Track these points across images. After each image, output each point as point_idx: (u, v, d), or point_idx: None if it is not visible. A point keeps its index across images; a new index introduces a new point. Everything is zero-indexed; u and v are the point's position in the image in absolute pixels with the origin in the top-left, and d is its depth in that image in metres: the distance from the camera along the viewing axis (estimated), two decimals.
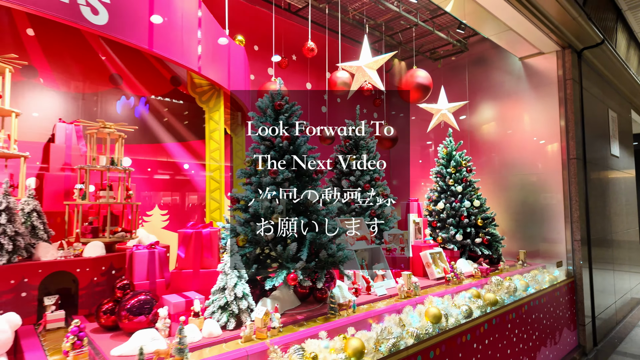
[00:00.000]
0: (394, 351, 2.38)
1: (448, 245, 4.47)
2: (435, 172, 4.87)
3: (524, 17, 4.20)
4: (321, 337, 2.25)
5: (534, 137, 5.29)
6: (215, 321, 2.23)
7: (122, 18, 2.31)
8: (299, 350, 2.09)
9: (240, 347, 2.06)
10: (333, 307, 2.67)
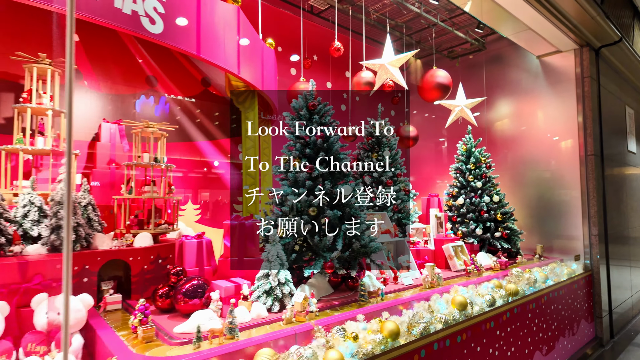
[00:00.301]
0: (424, 334, 2.56)
1: (468, 239, 4.62)
2: (455, 168, 5.02)
3: (543, 16, 4.31)
4: (359, 320, 2.45)
5: (551, 134, 5.39)
6: (262, 304, 2.44)
7: (174, 27, 2.52)
8: (341, 330, 2.28)
9: (284, 328, 2.26)
10: (363, 295, 2.85)
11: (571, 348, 4.33)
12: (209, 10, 2.82)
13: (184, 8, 2.61)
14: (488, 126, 6.03)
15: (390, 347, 2.32)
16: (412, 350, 2.44)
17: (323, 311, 2.63)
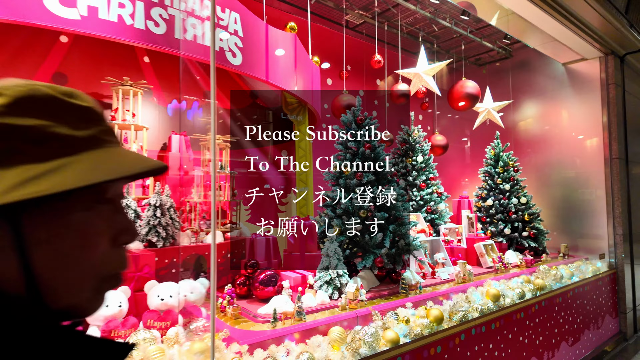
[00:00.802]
0: (463, 321, 2.95)
1: (497, 238, 4.95)
2: (484, 171, 5.35)
3: (568, 29, 4.58)
4: (407, 307, 2.86)
5: (576, 138, 5.65)
6: (324, 292, 2.88)
7: (249, 58, 2.97)
8: (394, 315, 2.71)
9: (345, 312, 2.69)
10: (404, 287, 3.25)
11: (595, 341, 4.62)
12: (274, 41, 3.27)
13: (256, 42, 3.06)
14: (515, 130, 6.31)
15: (436, 330, 2.72)
16: (454, 333, 2.84)
17: (371, 300, 3.05)
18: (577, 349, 4.26)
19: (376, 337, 2.40)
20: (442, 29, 5.84)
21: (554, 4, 4.10)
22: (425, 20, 5.21)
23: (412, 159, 4.91)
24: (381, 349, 2.37)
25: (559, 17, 4.34)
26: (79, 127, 0.49)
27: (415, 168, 4.85)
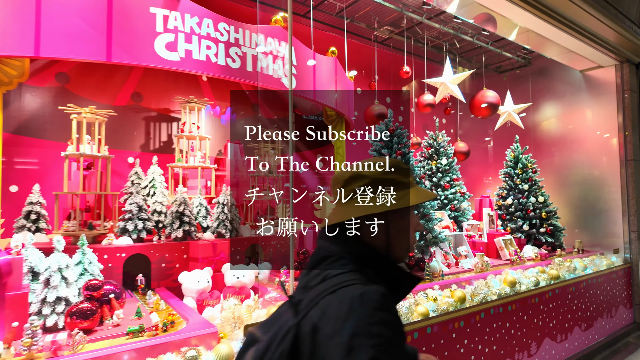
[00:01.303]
0: (483, 302, 3.47)
1: (516, 234, 5.40)
2: (504, 172, 5.79)
3: (584, 43, 4.99)
4: (434, 289, 3.41)
5: (593, 141, 6.01)
6: None
7: (302, 82, 3.58)
8: (424, 294, 3.26)
9: None
10: (428, 274, 3.78)
11: (609, 328, 5.01)
12: (319, 66, 3.87)
13: (306, 68, 3.67)
14: (534, 132, 6.71)
15: (459, 308, 3.26)
16: (475, 311, 3.36)
17: None
18: (590, 335, 4.67)
19: (410, 310, 2.97)
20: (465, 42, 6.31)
21: (568, 22, 4.52)
22: (448, 34, 5.70)
23: (436, 161, 5.41)
24: (414, 320, 2.94)
25: (574, 33, 4.75)
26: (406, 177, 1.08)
27: (439, 170, 5.35)
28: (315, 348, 0.84)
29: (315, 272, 0.99)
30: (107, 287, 2.36)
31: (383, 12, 5.11)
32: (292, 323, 0.90)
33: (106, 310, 2.29)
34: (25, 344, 1.83)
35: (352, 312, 0.82)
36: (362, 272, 0.95)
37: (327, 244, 1.04)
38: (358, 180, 1.05)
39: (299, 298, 0.98)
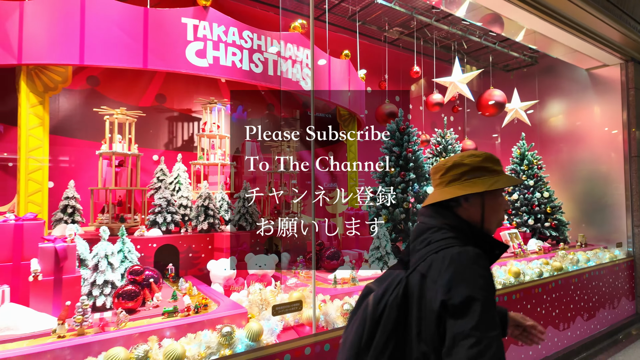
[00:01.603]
0: None
1: (521, 228, 5.59)
2: (510, 169, 5.98)
3: (589, 43, 5.14)
4: None
5: (598, 138, 6.16)
6: (377, 265, 3.70)
7: (318, 84, 3.81)
8: None
9: None
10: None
11: (611, 319, 5.19)
12: (334, 68, 4.09)
13: (322, 70, 3.90)
14: (540, 129, 6.86)
15: None
16: None
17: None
18: (592, 324, 4.87)
19: None
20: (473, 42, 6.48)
21: (573, 24, 4.68)
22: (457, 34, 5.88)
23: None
24: None
25: (579, 34, 4.91)
26: (498, 165, 1.32)
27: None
28: (422, 291, 1.15)
29: (420, 239, 1.29)
30: (147, 272, 2.63)
31: (393, 14, 5.30)
32: (404, 275, 1.23)
33: (147, 292, 2.56)
34: (77, 320, 2.09)
35: (451, 264, 1.11)
36: (459, 239, 1.23)
37: (428, 219, 1.33)
38: (458, 167, 1.32)
39: (407, 259, 1.30)
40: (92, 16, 2.82)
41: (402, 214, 3.99)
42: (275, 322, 2.52)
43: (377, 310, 1.21)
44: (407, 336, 1.16)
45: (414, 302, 1.16)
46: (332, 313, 2.76)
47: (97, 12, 2.84)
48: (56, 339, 2.02)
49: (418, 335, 1.13)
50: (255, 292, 2.88)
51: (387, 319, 1.18)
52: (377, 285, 1.31)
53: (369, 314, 1.23)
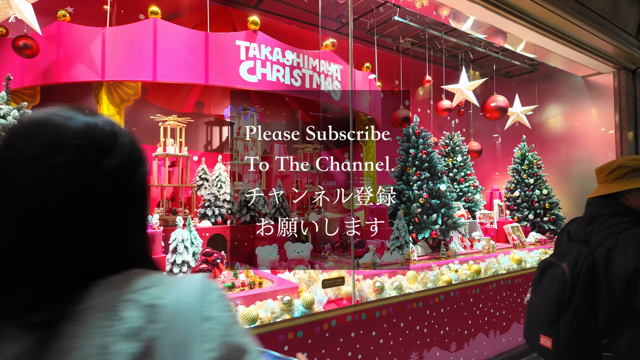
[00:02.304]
0: (495, 274, 4.24)
1: (522, 222, 6.14)
2: (512, 168, 6.52)
3: (584, 55, 5.68)
4: (455, 263, 4.18)
5: (592, 139, 6.70)
6: (396, 253, 4.24)
7: (344, 95, 4.35)
8: (447, 267, 4.04)
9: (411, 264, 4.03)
10: (443, 253, 4.53)
11: None
12: (358, 80, 4.63)
13: (347, 83, 4.44)
14: (539, 132, 7.41)
15: (476, 279, 4.03)
16: (488, 281, 4.14)
17: (427, 260, 4.37)
18: None
19: (437, 277, 3.75)
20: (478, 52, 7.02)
21: (569, 38, 5.22)
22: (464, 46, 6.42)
23: (452, 158, 6.16)
24: (440, 285, 3.72)
25: (575, 47, 5.45)
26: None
27: (455, 166, 6.10)
28: (609, 263, 1.62)
29: (597, 223, 1.77)
30: (215, 254, 3.17)
31: (407, 27, 5.84)
32: (589, 250, 1.69)
33: (216, 271, 3.10)
34: None
35: (637, 243, 1.58)
36: (631, 222, 1.71)
37: (598, 208, 1.85)
38: (622, 168, 1.82)
39: (585, 239, 1.76)
40: (162, 40, 3.35)
41: (418, 208, 4.53)
42: (322, 294, 3.06)
43: (574, 275, 1.68)
44: (598, 293, 1.65)
45: (601, 269, 1.64)
46: (365, 289, 3.30)
47: (166, 36, 3.36)
48: None
49: (608, 292, 1.62)
50: (301, 272, 3.43)
51: (583, 282, 1.66)
52: (557, 259, 1.82)
53: (568, 278, 1.71)
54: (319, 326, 2.88)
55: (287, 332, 2.71)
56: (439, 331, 3.67)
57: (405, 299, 3.41)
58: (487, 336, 4.11)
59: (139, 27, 3.37)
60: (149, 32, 3.34)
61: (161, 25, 3.34)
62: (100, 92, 3.43)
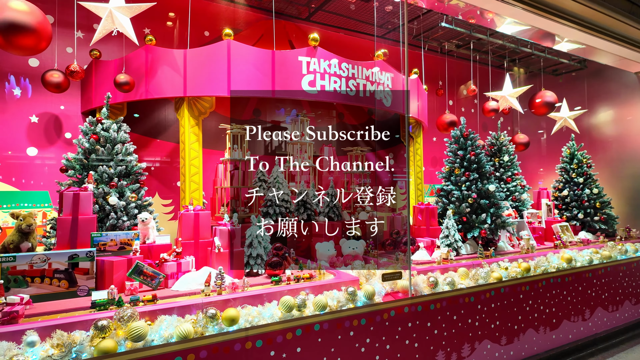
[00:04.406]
0: (544, 273, 4.35)
1: (571, 222, 6.12)
2: (560, 167, 6.49)
3: (636, 52, 5.59)
4: (504, 261, 4.34)
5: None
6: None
7: (394, 101, 4.62)
8: (497, 264, 4.21)
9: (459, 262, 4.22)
10: (481, 253, 4.64)
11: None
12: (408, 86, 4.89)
13: (398, 90, 4.71)
14: (589, 130, 7.28)
15: (525, 276, 4.18)
16: (538, 279, 4.26)
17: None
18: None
19: (488, 274, 3.94)
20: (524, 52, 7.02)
21: (621, 37, 5.18)
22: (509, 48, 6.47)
23: (499, 158, 6.24)
24: (491, 282, 3.91)
25: (628, 45, 5.39)
26: None
27: (502, 165, 6.18)
28: None
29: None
30: (284, 249, 3.56)
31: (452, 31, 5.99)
32: None
33: (286, 263, 3.48)
34: (217, 283, 2.90)
35: None
36: None
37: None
38: None
39: None
40: (235, 58, 3.78)
41: (467, 208, 4.71)
42: (381, 287, 3.37)
43: None
44: None
45: None
46: (420, 284, 3.57)
47: (238, 56, 3.79)
48: (203, 296, 2.78)
49: None
50: (360, 266, 3.75)
51: None
52: None
53: None
54: (380, 315, 3.18)
55: (352, 319, 3.04)
56: (490, 325, 3.87)
57: (458, 294, 3.64)
58: (536, 332, 4.25)
59: (216, 48, 3.81)
60: (223, 53, 3.78)
61: (234, 46, 3.76)
62: (181, 106, 3.91)
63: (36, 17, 3.18)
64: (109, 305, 2.48)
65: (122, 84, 3.66)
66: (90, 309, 2.43)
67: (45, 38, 3.26)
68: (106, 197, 3.48)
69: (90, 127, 3.53)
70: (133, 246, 3.10)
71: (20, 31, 3.08)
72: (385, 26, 6.03)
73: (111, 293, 2.53)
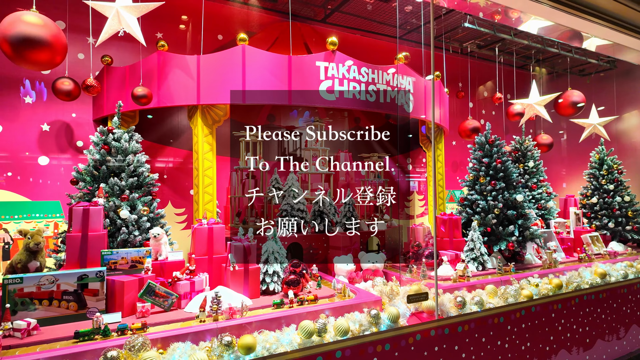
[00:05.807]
0: (577, 289, 4.08)
1: (601, 231, 5.80)
2: (588, 173, 6.17)
3: None
4: (534, 277, 4.08)
5: None
6: (472, 265, 4.21)
7: (416, 106, 4.39)
8: (527, 281, 3.96)
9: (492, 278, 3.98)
10: (500, 269, 4.33)
11: None
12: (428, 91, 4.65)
13: (420, 95, 4.48)
14: (619, 135, 6.92)
15: (557, 293, 3.92)
16: (571, 297, 4.00)
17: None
18: None
19: (518, 292, 3.70)
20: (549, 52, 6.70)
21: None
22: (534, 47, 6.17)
23: (523, 164, 5.95)
24: (521, 300, 3.67)
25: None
26: None
27: (527, 172, 5.89)
28: None
29: None
30: (302, 265, 3.37)
31: (474, 31, 5.72)
32: None
33: (304, 282, 3.30)
34: (213, 308, 2.61)
35: None
36: None
37: None
38: None
39: None
40: (250, 64, 3.61)
41: (493, 219, 4.46)
42: (405, 308, 3.16)
43: None
44: None
45: None
46: (446, 304, 3.35)
47: (254, 61, 3.61)
48: (198, 323, 2.55)
49: None
50: (381, 284, 3.54)
51: None
52: None
53: None
54: (405, 339, 2.98)
55: (376, 344, 2.84)
56: (520, 347, 3.63)
57: (487, 314, 3.41)
58: (569, 353, 3.99)
59: (230, 54, 3.64)
60: (238, 59, 3.61)
61: (249, 51, 3.59)
62: (195, 114, 3.76)
63: (51, 31, 3.06)
64: (94, 335, 2.31)
65: (139, 97, 3.52)
66: (74, 340, 2.26)
67: (60, 52, 3.13)
68: (117, 210, 3.34)
69: (101, 137, 3.39)
70: (145, 264, 2.95)
71: (34, 46, 2.96)
72: (404, 27, 5.80)
73: (97, 321, 2.34)
